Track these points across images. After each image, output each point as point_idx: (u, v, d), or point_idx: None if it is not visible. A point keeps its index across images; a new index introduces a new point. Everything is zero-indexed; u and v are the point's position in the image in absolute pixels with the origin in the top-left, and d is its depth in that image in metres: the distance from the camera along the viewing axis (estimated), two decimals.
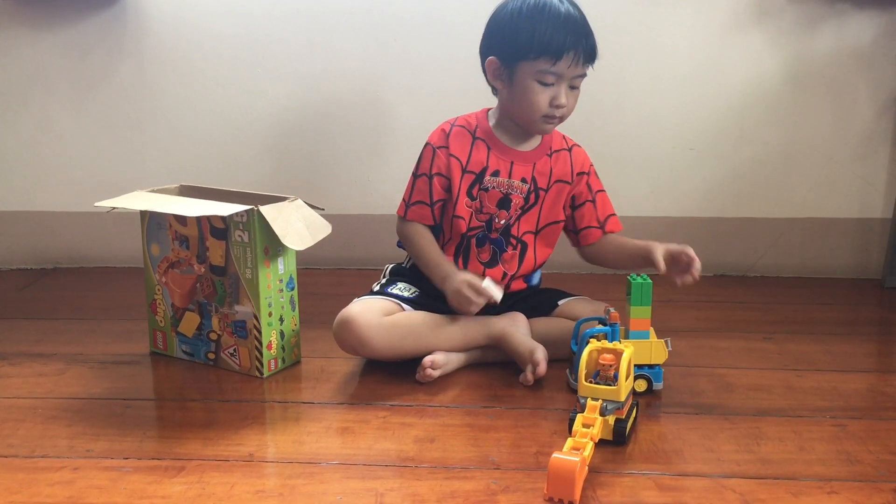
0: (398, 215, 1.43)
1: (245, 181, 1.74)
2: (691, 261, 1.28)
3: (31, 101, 1.93)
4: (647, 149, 1.89)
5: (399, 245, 1.47)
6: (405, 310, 1.35)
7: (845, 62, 1.83)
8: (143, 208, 1.36)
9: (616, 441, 1.09)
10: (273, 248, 1.32)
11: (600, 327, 1.22)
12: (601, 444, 1.08)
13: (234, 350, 1.36)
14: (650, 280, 1.24)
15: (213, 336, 1.38)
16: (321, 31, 1.87)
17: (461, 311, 1.34)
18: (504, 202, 1.40)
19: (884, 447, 1.11)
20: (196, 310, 1.39)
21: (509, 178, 1.39)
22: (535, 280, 1.50)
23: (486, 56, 1.37)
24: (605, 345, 1.14)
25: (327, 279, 1.90)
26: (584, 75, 1.35)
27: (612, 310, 1.22)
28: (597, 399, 1.09)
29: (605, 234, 1.46)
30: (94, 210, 1.43)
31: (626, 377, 1.11)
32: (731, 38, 1.83)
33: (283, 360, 1.37)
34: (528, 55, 1.30)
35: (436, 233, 1.42)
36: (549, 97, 1.32)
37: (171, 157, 1.94)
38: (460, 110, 1.43)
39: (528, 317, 1.40)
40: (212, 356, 1.39)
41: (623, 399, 1.09)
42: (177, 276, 1.40)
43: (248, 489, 1.00)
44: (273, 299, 1.33)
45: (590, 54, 1.33)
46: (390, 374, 1.33)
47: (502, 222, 1.41)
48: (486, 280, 1.32)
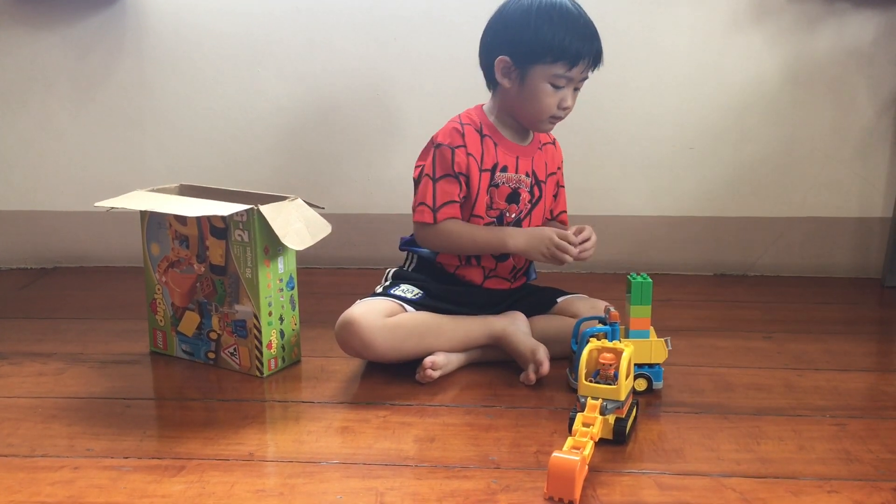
0: (424, 223, 1.35)
1: (245, 180, 1.74)
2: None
3: (30, 100, 1.93)
4: (647, 149, 1.89)
5: (401, 248, 1.47)
6: (407, 311, 1.34)
7: (845, 62, 1.83)
8: (143, 208, 1.36)
9: (616, 440, 1.09)
10: (273, 248, 1.32)
11: (600, 326, 1.22)
12: (601, 443, 1.08)
13: (234, 349, 1.36)
14: (650, 279, 1.24)
15: (213, 335, 1.38)
16: (321, 31, 1.87)
17: (557, 262, 1.33)
18: (513, 197, 1.40)
19: (884, 446, 1.11)
20: (196, 309, 1.39)
21: (516, 172, 1.40)
22: (532, 275, 1.50)
23: (494, 53, 1.35)
24: (605, 344, 1.14)
25: (327, 279, 1.90)
26: (588, 77, 1.36)
27: (612, 309, 1.22)
28: (597, 398, 1.09)
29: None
30: (94, 210, 1.43)
31: (626, 376, 1.11)
32: (730, 37, 1.83)
33: (283, 359, 1.37)
34: (544, 59, 1.30)
35: None
36: (558, 99, 1.33)
37: (171, 157, 1.94)
38: (460, 109, 1.43)
39: (528, 315, 1.40)
40: (212, 355, 1.39)
41: (623, 398, 1.09)
42: (177, 275, 1.39)
43: (248, 488, 1.00)
44: (273, 299, 1.33)
45: (599, 59, 1.34)
46: (390, 373, 1.33)
47: (513, 216, 1.40)
48: None
